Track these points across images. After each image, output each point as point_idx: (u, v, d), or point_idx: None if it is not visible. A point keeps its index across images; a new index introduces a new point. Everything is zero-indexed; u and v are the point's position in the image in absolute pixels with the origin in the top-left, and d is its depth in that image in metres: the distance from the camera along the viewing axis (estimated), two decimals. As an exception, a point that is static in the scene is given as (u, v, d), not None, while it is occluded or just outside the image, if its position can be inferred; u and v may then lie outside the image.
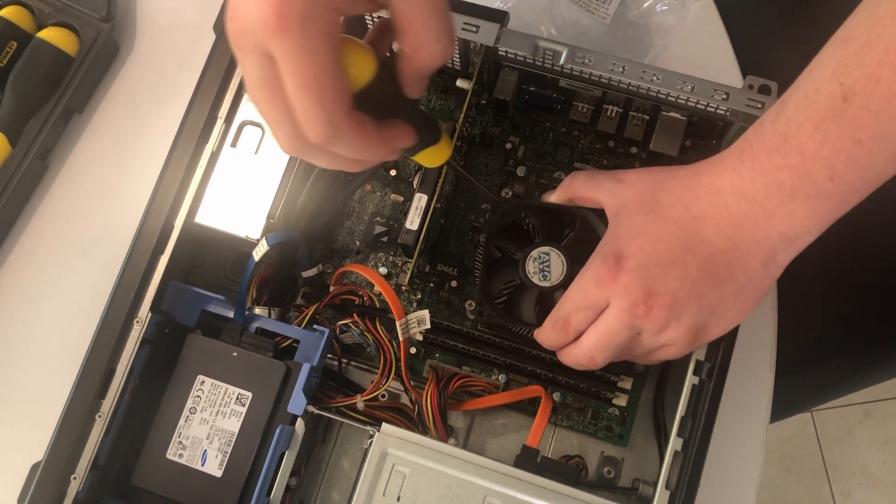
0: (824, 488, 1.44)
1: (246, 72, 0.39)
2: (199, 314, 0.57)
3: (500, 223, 0.55)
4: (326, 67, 0.37)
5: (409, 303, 0.59)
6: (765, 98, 0.54)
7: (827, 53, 0.42)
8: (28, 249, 0.66)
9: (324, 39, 0.36)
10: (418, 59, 0.40)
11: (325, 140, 0.39)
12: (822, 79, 0.41)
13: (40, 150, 0.65)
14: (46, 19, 0.67)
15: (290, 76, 0.37)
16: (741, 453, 0.57)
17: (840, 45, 0.42)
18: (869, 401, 1.46)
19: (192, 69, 0.57)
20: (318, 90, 0.37)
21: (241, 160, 0.56)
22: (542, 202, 0.55)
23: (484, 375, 0.58)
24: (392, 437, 0.51)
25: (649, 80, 0.54)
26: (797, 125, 0.42)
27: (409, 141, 0.44)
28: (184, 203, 0.55)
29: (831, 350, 0.75)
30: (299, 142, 0.40)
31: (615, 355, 0.49)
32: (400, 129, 0.43)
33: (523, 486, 0.49)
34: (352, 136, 0.40)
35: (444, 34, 0.39)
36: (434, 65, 0.41)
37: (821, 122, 0.41)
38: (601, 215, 0.51)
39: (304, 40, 0.36)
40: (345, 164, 0.43)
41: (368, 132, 0.41)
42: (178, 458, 0.54)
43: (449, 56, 0.41)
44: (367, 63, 0.40)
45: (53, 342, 0.63)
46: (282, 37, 0.36)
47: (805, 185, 0.42)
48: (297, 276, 0.60)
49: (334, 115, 0.38)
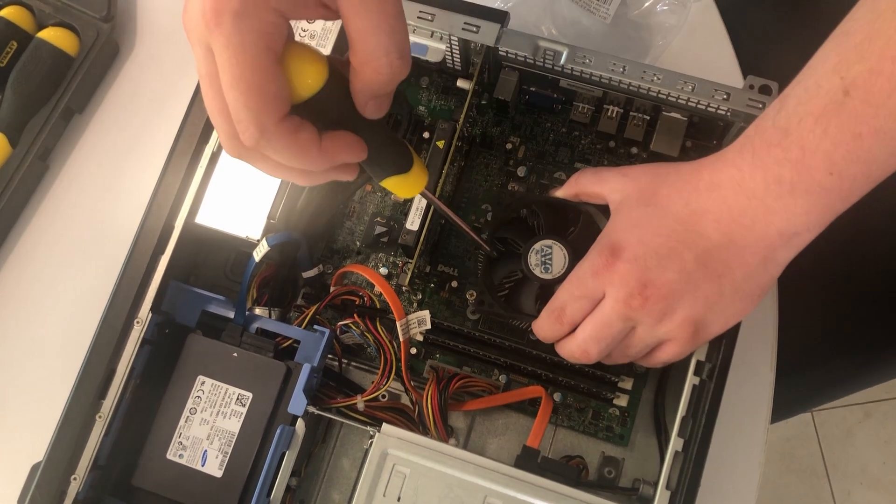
0: (824, 488, 1.44)
1: (196, 62, 0.39)
2: (199, 314, 0.57)
3: (505, 216, 0.56)
4: (257, 67, 0.36)
5: (410, 303, 0.59)
6: (765, 98, 0.54)
7: (828, 48, 0.42)
8: (28, 249, 0.66)
9: (257, 38, 0.36)
10: (365, 73, 0.39)
11: (255, 142, 0.38)
12: (823, 73, 0.41)
13: (41, 151, 0.65)
14: (47, 19, 0.67)
15: (223, 72, 0.37)
16: (742, 453, 0.57)
17: (841, 40, 0.42)
18: (869, 401, 1.46)
19: (193, 69, 0.57)
20: (246, 89, 0.36)
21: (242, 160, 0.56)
22: (547, 196, 0.54)
23: (484, 376, 0.58)
24: (392, 438, 0.51)
25: (650, 80, 0.54)
26: (798, 119, 0.42)
27: (355, 156, 0.41)
28: (184, 203, 0.55)
29: (831, 350, 0.75)
30: (237, 143, 0.39)
31: (609, 348, 0.48)
32: (346, 142, 0.41)
33: (524, 487, 0.49)
34: (283, 141, 0.38)
35: (393, 49, 0.38)
36: (382, 82, 0.39)
37: (821, 116, 0.41)
38: (605, 211, 0.51)
39: (236, 36, 0.36)
40: (286, 174, 0.41)
41: (304, 141, 0.39)
42: (178, 459, 0.54)
43: (400, 75, 0.39)
44: (314, 71, 0.38)
45: (53, 342, 0.63)
46: (216, 30, 0.36)
47: (804, 179, 0.42)
48: (298, 276, 0.60)
49: (263, 118, 0.37)
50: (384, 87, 0.40)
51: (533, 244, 0.52)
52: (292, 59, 0.38)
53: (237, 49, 0.36)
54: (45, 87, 0.65)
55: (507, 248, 0.55)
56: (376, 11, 0.37)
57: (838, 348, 0.75)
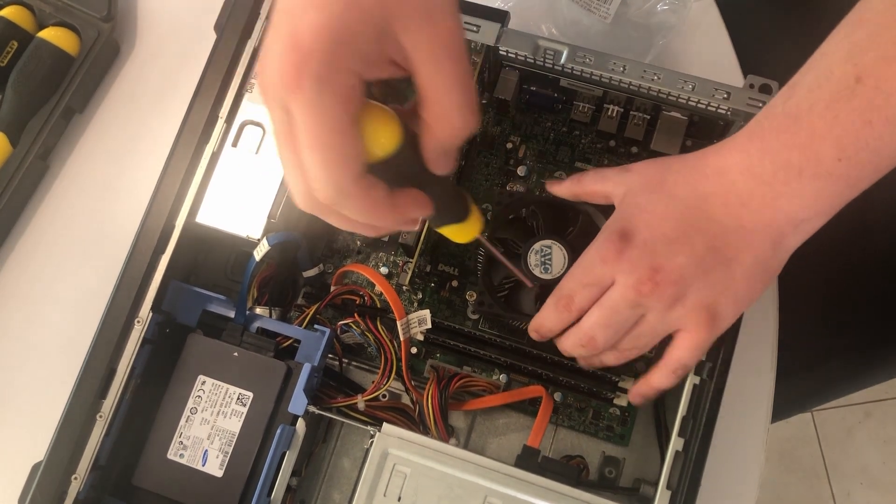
0: (824, 488, 1.44)
1: (271, 121, 0.38)
2: (199, 314, 0.57)
3: (504, 215, 0.56)
4: (337, 130, 0.36)
5: (410, 302, 0.59)
6: (765, 97, 0.54)
7: (839, 36, 0.42)
8: (28, 249, 0.66)
9: (337, 101, 0.36)
10: (439, 130, 0.39)
11: (332, 202, 0.38)
12: (835, 60, 0.41)
13: (41, 150, 0.65)
14: (47, 19, 0.67)
15: (302, 134, 0.36)
16: (742, 453, 0.57)
17: (853, 28, 0.42)
18: (869, 401, 1.46)
19: (193, 69, 0.57)
20: (325, 151, 0.36)
21: (242, 160, 0.56)
22: (546, 195, 0.54)
23: (485, 375, 0.58)
24: (393, 437, 0.51)
25: (650, 79, 0.54)
26: (808, 106, 0.42)
27: (424, 212, 0.42)
28: (185, 203, 0.55)
29: (831, 350, 0.75)
30: (311, 199, 0.39)
31: (616, 336, 0.48)
32: (415, 199, 0.41)
33: (524, 486, 0.49)
34: (359, 201, 0.38)
35: (466, 105, 0.38)
36: (456, 138, 0.39)
37: (832, 102, 0.41)
38: (605, 211, 0.51)
39: (318, 100, 0.35)
40: (357, 228, 0.42)
41: (378, 199, 0.39)
42: (178, 459, 0.54)
43: (472, 130, 0.39)
44: (390, 133, 0.38)
45: (54, 342, 0.63)
46: (296, 93, 0.35)
47: (812, 164, 0.42)
48: (298, 275, 0.60)
49: (341, 179, 0.37)
50: (456, 143, 0.40)
51: (532, 244, 0.52)
52: (368, 121, 0.38)
53: (318, 112, 0.36)
54: (46, 87, 0.65)
55: (506, 248, 0.55)
56: (451, 70, 0.37)
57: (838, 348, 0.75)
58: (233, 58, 0.57)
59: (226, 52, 0.57)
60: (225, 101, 0.57)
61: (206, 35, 0.59)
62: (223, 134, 0.56)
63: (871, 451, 1.45)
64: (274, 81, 0.36)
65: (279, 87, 0.36)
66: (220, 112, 0.56)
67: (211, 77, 0.57)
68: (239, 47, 0.57)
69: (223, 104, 0.57)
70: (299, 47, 0.35)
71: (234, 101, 0.57)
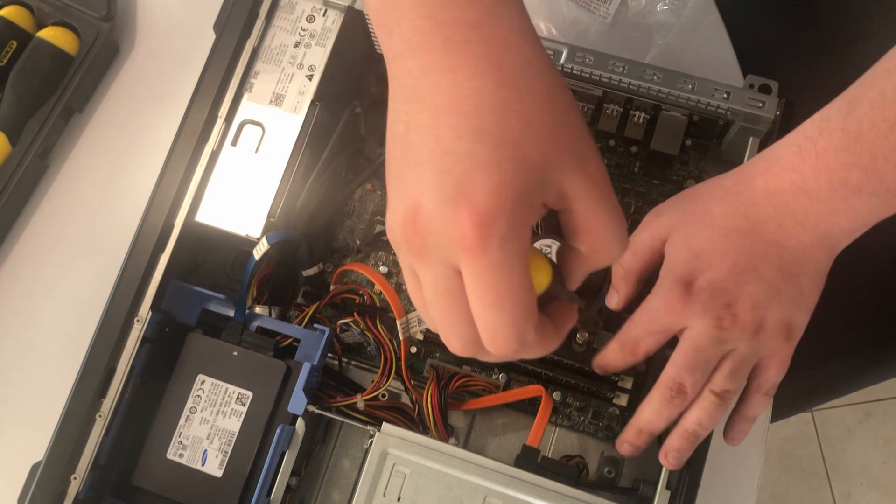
0: (824, 488, 1.44)
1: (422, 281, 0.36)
2: (199, 313, 0.57)
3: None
4: (521, 286, 0.35)
5: (410, 302, 0.59)
6: (765, 97, 0.54)
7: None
8: (28, 249, 0.66)
9: (520, 259, 0.35)
10: (597, 258, 0.38)
11: (512, 352, 0.37)
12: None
13: (40, 150, 0.65)
14: (46, 19, 0.67)
15: (482, 293, 0.35)
16: (741, 453, 0.57)
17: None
18: (869, 401, 1.46)
19: (192, 69, 0.57)
20: (511, 308, 0.35)
21: (242, 159, 0.56)
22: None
23: (484, 375, 0.58)
24: (392, 437, 0.51)
25: (650, 79, 0.54)
26: (871, 124, 0.41)
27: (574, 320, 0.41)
28: (184, 202, 0.55)
29: (831, 350, 0.75)
30: (476, 347, 0.38)
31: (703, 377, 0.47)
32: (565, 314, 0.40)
33: (524, 486, 0.49)
34: (538, 345, 0.38)
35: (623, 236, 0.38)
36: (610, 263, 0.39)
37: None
38: None
39: (503, 260, 0.34)
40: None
41: (550, 336, 0.39)
42: (178, 458, 0.54)
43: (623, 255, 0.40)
44: (546, 271, 0.38)
45: (53, 342, 0.63)
46: (480, 256, 0.33)
47: (873, 183, 0.42)
48: (298, 274, 0.60)
49: (525, 332, 0.36)
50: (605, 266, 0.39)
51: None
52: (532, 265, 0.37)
53: (504, 271, 0.34)
54: (45, 87, 0.65)
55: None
56: (607, 206, 0.36)
57: (838, 348, 0.75)
58: (232, 57, 0.57)
59: (225, 52, 0.57)
60: (224, 101, 0.57)
61: (205, 35, 0.59)
62: (222, 133, 0.56)
63: (871, 451, 1.45)
64: (443, 241, 0.34)
65: (452, 247, 0.34)
66: (220, 111, 0.56)
67: (210, 76, 0.57)
68: (238, 47, 0.57)
69: (222, 103, 0.57)
70: (478, 209, 0.33)
71: (233, 101, 0.57)
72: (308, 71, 0.57)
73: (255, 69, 0.58)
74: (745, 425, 0.50)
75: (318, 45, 0.58)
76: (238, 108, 0.57)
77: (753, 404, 0.49)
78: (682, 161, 0.60)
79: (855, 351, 0.75)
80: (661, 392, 0.48)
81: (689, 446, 0.49)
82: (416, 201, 0.34)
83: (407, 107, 0.36)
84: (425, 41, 0.36)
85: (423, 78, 0.35)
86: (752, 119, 0.54)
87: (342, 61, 0.59)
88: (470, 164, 0.33)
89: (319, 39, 0.58)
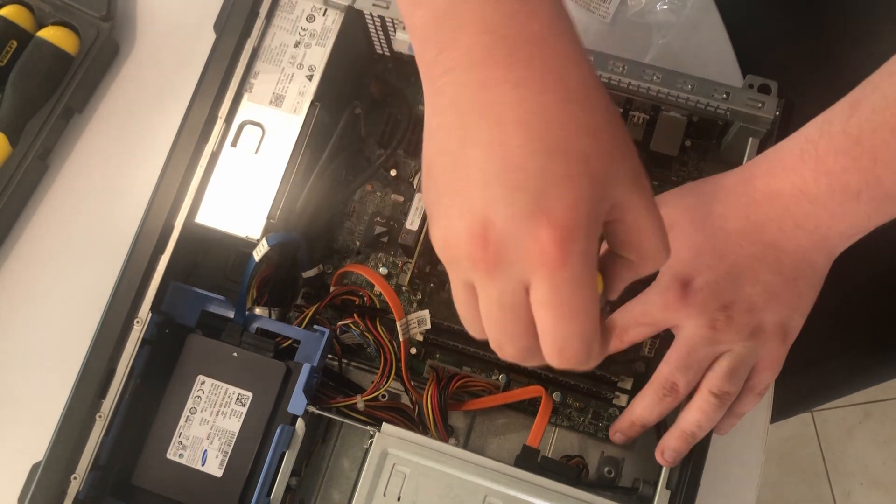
0: (824, 488, 1.44)
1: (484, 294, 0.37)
2: (199, 314, 0.57)
3: None
4: (594, 298, 0.35)
5: (410, 303, 0.59)
6: (765, 97, 0.54)
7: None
8: (28, 249, 0.66)
9: (594, 270, 0.35)
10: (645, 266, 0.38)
11: (579, 362, 0.37)
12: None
13: (40, 150, 0.65)
14: (46, 18, 0.67)
15: (557, 306, 0.35)
16: (741, 453, 0.57)
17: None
18: (869, 401, 1.46)
19: (193, 69, 0.57)
20: (585, 320, 0.35)
21: (242, 160, 0.56)
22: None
23: (484, 376, 0.58)
24: (392, 437, 0.51)
25: (649, 79, 0.54)
26: (871, 129, 0.41)
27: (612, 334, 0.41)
28: (184, 203, 0.55)
29: (831, 350, 0.75)
30: (530, 355, 0.38)
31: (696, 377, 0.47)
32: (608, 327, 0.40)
33: (524, 486, 0.49)
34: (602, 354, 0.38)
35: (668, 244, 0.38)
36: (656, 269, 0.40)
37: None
38: None
39: (582, 274, 0.34)
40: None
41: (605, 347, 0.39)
42: (178, 459, 0.54)
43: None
44: (601, 282, 0.39)
45: (53, 342, 0.63)
46: (560, 270, 0.34)
47: (872, 188, 0.42)
48: (298, 276, 0.60)
49: (593, 343, 0.36)
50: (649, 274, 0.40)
51: None
52: None
53: (581, 285, 0.35)
54: (45, 87, 0.65)
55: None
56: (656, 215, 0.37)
57: (838, 348, 0.75)
58: (232, 57, 0.57)
59: (225, 52, 0.57)
60: (224, 101, 0.57)
61: (205, 35, 0.59)
62: (222, 133, 0.56)
63: (871, 451, 1.45)
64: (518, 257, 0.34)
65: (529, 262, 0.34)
66: (220, 112, 0.56)
67: (210, 77, 0.57)
68: (238, 47, 0.57)
69: (222, 104, 0.56)
70: (558, 225, 0.33)
71: (233, 101, 0.57)
72: (308, 71, 0.57)
73: (255, 69, 0.58)
74: (734, 420, 0.51)
75: (318, 45, 0.58)
76: (238, 109, 0.57)
77: (745, 403, 0.50)
78: (681, 162, 0.60)
79: (855, 352, 0.75)
80: (654, 389, 0.49)
81: (687, 446, 0.49)
82: (485, 217, 0.34)
83: (462, 121, 0.35)
84: (486, 56, 0.35)
85: (483, 93, 0.35)
86: (752, 119, 0.54)
87: (342, 61, 0.59)
88: (545, 181, 0.34)
89: (319, 39, 0.58)
